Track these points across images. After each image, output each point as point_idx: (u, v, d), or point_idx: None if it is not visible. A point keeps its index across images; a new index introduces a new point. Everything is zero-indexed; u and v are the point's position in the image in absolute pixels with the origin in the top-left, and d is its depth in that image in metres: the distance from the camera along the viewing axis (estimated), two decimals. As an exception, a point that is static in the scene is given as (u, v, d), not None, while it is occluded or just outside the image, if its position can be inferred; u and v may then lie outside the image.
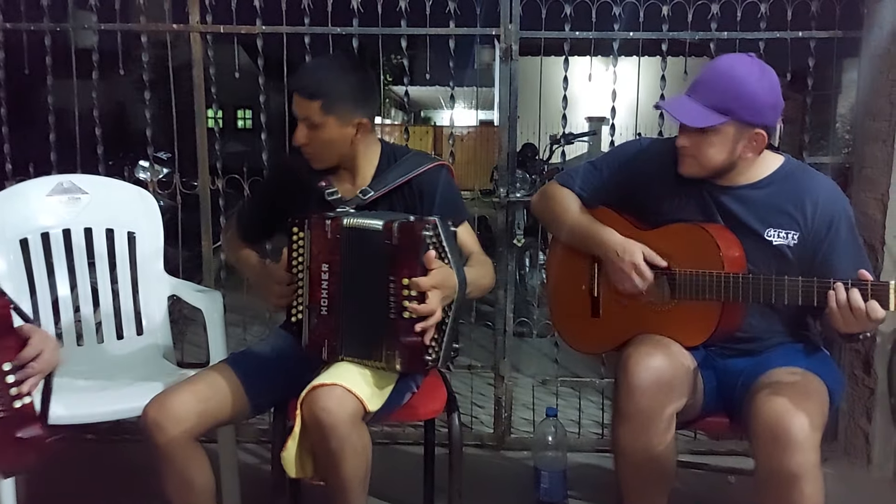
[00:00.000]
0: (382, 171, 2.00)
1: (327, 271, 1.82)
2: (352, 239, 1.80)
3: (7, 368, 1.28)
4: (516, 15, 2.74)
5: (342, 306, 1.82)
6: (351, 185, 2.00)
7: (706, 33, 2.75)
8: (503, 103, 2.82)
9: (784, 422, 1.57)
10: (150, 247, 2.44)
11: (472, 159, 12.72)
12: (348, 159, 1.98)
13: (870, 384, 2.66)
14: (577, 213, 2.04)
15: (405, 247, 1.72)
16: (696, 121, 1.77)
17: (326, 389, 1.70)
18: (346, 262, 1.81)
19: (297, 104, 1.89)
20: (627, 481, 1.85)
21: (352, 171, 2.00)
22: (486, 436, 3.00)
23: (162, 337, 2.43)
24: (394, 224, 1.74)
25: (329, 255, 1.81)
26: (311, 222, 1.83)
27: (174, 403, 1.75)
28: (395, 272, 1.73)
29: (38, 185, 2.40)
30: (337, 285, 1.82)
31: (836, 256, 1.80)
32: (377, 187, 1.96)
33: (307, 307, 1.85)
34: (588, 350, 2.17)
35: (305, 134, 1.90)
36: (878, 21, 2.58)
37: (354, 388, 1.72)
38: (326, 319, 1.84)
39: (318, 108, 1.86)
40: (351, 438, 1.69)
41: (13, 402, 1.27)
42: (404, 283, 1.71)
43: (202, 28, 2.78)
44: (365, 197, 1.94)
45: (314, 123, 1.88)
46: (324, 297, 1.83)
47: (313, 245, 1.82)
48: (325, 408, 1.67)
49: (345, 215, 1.83)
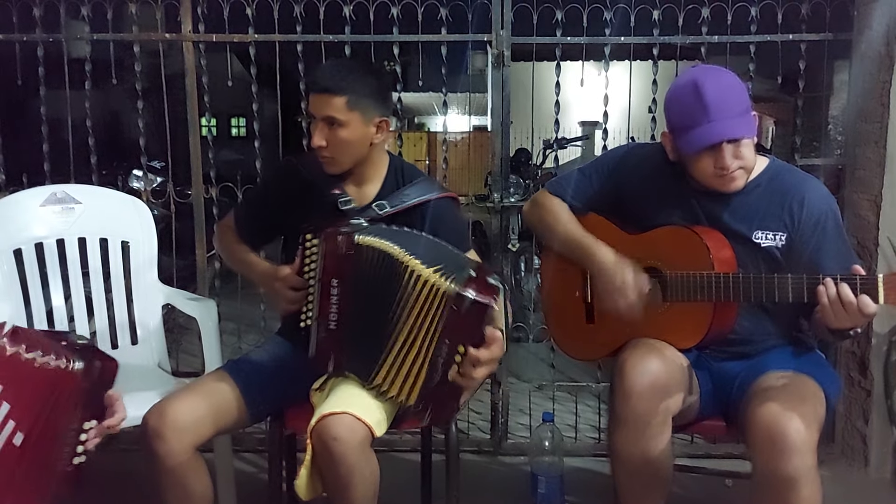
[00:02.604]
0: (390, 184, 1.98)
1: (338, 285, 1.78)
2: (372, 260, 1.75)
3: (87, 427, 1.28)
4: (508, 21, 2.75)
5: (354, 325, 1.79)
6: (356, 194, 1.97)
7: (697, 37, 2.77)
8: (496, 109, 2.82)
9: (780, 425, 1.57)
10: (144, 256, 2.43)
11: (465, 165, 12.74)
12: (362, 164, 1.95)
13: (866, 386, 2.67)
14: (568, 224, 2.03)
15: (471, 317, 1.64)
16: (752, 129, 1.77)
17: (336, 418, 1.68)
18: (363, 281, 1.77)
19: (317, 103, 1.86)
20: (624, 486, 1.85)
21: (359, 178, 1.98)
22: (482, 441, 3.00)
23: (157, 346, 2.42)
24: (467, 294, 1.63)
25: (340, 269, 1.77)
26: (325, 235, 1.78)
27: (174, 412, 1.74)
28: (450, 336, 1.67)
29: (31, 196, 2.39)
30: (349, 302, 1.78)
31: (824, 255, 1.81)
32: (392, 202, 1.93)
33: (316, 319, 1.82)
34: (583, 356, 2.18)
35: (325, 135, 1.86)
36: (869, 23, 2.59)
37: (363, 415, 1.71)
38: (335, 334, 1.81)
39: (344, 104, 1.84)
40: (360, 466, 1.69)
41: (74, 458, 1.28)
42: (459, 350, 1.66)
43: (195, 37, 2.78)
44: (381, 211, 1.91)
45: (337, 121, 1.85)
46: (333, 311, 1.79)
47: (326, 258, 1.78)
48: (336, 437, 1.66)
49: (358, 230, 1.78)
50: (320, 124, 1.87)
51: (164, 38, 2.85)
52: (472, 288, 1.64)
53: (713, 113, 1.73)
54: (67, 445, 1.28)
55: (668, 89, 1.85)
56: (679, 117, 1.80)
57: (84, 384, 1.26)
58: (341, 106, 1.84)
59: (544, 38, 2.78)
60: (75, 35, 2.87)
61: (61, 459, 1.28)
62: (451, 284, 1.66)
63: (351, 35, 2.79)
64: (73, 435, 1.28)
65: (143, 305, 2.42)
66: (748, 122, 1.77)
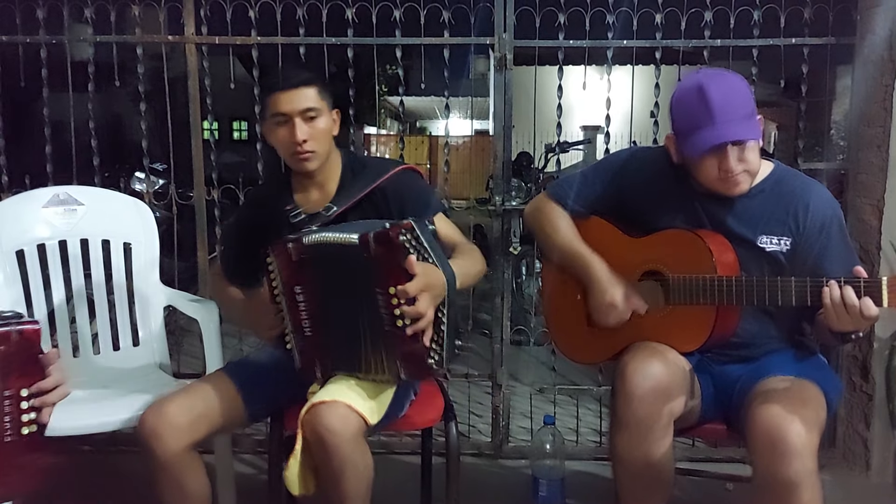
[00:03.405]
0: (346, 181, 1.99)
1: (301, 292, 1.79)
2: (320, 256, 1.76)
3: (24, 394, 1.28)
4: (510, 24, 2.75)
5: (325, 324, 1.81)
6: (319, 197, 1.99)
7: (700, 41, 2.77)
8: (498, 112, 2.83)
9: (781, 429, 1.57)
10: (146, 257, 2.44)
11: (466, 168, 12.78)
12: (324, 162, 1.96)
13: (868, 390, 2.66)
14: (566, 234, 2.03)
15: (384, 256, 1.67)
16: (756, 132, 1.76)
17: (328, 407, 1.69)
18: (319, 279, 1.78)
19: (292, 99, 1.87)
20: (626, 489, 1.84)
21: (321, 179, 1.99)
22: (483, 444, 2.99)
23: (158, 348, 2.42)
24: (369, 235, 1.68)
25: (298, 276, 1.79)
26: (273, 248, 1.79)
27: (172, 412, 1.75)
28: (380, 284, 1.69)
29: (34, 197, 2.40)
30: (315, 304, 1.79)
31: (828, 259, 1.81)
32: (340, 202, 1.94)
33: (291, 332, 1.83)
34: (584, 360, 2.18)
35: (306, 129, 1.88)
36: (872, 27, 2.59)
37: (355, 404, 1.71)
38: (312, 340, 1.82)
39: (316, 94, 1.88)
40: (353, 457, 1.69)
41: (21, 428, 1.28)
42: (391, 292, 1.67)
43: (198, 39, 2.79)
44: (329, 213, 1.93)
45: (315, 110, 1.88)
46: (304, 318, 1.80)
47: (282, 270, 1.79)
48: (328, 427, 1.66)
49: (307, 233, 1.80)
50: (297, 120, 1.88)
51: (166, 40, 2.86)
52: (375, 230, 1.67)
53: (718, 116, 1.73)
54: (6, 414, 1.27)
55: (673, 92, 1.84)
56: (684, 120, 1.80)
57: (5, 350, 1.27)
58: (314, 96, 1.88)
59: (547, 42, 2.78)
60: (79, 37, 2.88)
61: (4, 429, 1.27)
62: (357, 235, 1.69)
63: (354, 38, 2.79)
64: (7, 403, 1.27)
65: (144, 307, 2.42)
66: (753, 126, 1.77)
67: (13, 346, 1.27)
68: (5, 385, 1.26)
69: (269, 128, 1.93)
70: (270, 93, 1.89)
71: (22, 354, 1.29)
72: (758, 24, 2.72)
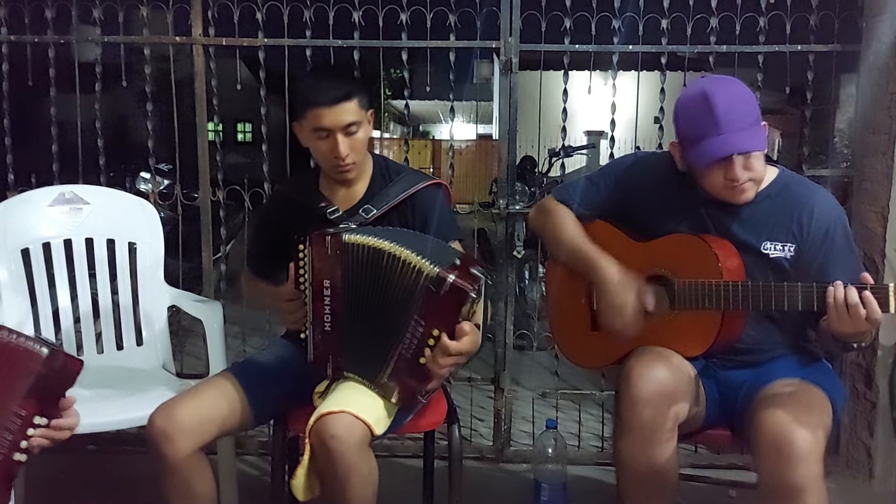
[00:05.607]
0: (377, 183, 2.00)
1: (329, 287, 1.80)
2: (364, 260, 1.77)
3: (37, 421, 1.26)
4: (516, 28, 2.75)
5: (347, 323, 1.81)
6: (346, 195, 2.00)
7: (705, 47, 2.77)
8: (503, 116, 2.83)
9: (787, 434, 1.57)
10: (150, 257, 2.44)
11: (470, 172, 12.80)
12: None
13: (871, 398, 2.66)
14: (573, 233, 2.03)
15: (448, 301, 1.67)
16: (762, 141, 1.77)
17: (335, 417, 1.69)
18: (353, 280, 1.79)
19: (334, 115, 1.85)
20: (629, 494, 1.84)
21: (350, 180, 1.99)
22: (485, 448, 2.99)
23: (162, 347, 2.42)
24: (448, 277, 1.66)
25: (330, 271, 1.79)
26: (311, 238, 1.80)
27: (181, 414, 1.75)
28: (425, 317, 1.70)
29: (40, 196, 2.41)
30: (341, 302, 1.80)
31: (833, 266, 1.80)
32: (377, 203, 1.95)
33: (311, 323, 1.84)
34: (588, 364, 2.17)
35: (348, 144, 1.88)
36: (877, 35, 2.59)
37: (362, 413, 1.71)
38: (331, 336, 1.82)
39: (356, 106, 1.87)
40: (358, 465, 1.69)
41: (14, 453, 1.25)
42: (434, 333, 1.69)
43: (205, 41, 2.79)
44: (368, 215, 1.94)
45: (356, 124, 1.88)
46: (327, 313, 1.81)
47: (315, 261, 1.80)
48: (334, 436, 1.66)
49: (345, 231, 1.82)
50: (339, 136, 1.87)
51: (174, 41, 2.86)
52: (454, 273, 1.67)
53: (724, 125, 1.72)
54: (9, 431, 1.25)
55: (678, 99, 1.84)
56: (689, 128, 1.79)
57: (42, 369, 1.24)
58: (355, 108, 1.87)
59: (552, 46, 2.78)
60: (86, 37, 2.88)
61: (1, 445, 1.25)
62: (434, 267, 1.69)
63: (360, 40, 2.79)
64: (17, 421, 1.24)
65: (148, 307, 2.43)
66: (759, 134, 1.77)
67: (54, 371, 1.26)
68: (24, 403, 1.24)
69: (308, 136, 1.92)
70: (313, 107, 1.86)
71: (55, 381, 1.26)
72: (763, 31, 2.73)
